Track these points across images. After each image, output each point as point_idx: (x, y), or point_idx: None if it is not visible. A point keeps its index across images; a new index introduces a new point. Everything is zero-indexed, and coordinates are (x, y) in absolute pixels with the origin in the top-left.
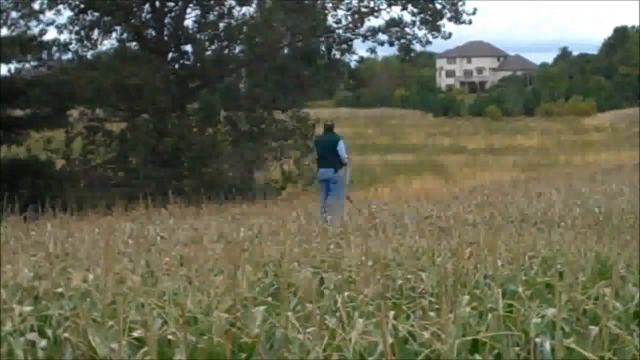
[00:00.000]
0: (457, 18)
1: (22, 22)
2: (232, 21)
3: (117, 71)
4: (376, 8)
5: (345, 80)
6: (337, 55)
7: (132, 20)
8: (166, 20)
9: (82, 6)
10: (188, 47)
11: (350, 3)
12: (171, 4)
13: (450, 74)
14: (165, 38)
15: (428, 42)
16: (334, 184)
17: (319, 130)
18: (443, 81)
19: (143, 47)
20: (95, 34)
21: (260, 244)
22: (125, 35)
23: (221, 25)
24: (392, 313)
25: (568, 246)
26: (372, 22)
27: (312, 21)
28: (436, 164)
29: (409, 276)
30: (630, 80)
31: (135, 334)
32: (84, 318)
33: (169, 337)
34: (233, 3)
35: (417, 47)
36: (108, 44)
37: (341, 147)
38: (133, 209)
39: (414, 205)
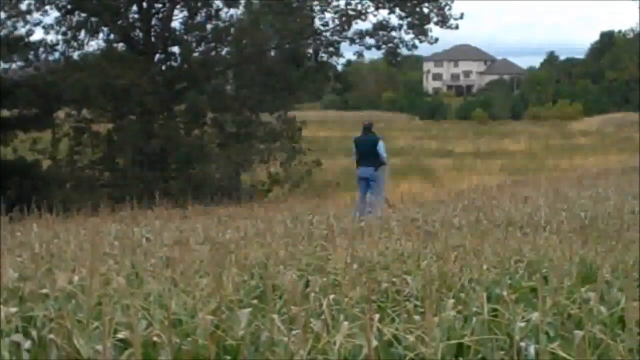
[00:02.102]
0: (444, 22)
1: (9, 22)
2: (220, 23)
3: (104, 72)
4: (363, 11)
5: (333, 83)
6: (325, 58)
7: (120, 22)
8: (153, 22)
9: (69, 7)
10: (175, 49)
11: (338, 6)
12: (159, 5)
13: (437, 77)
14: (153, 39)
15: (414, 47)
16: (373, 182)
17: (306, 132)
18: (430, 84)
19: (130, 48)
20: (82, 34)
21: (246, 246)
22: (112, 36)
23: (209, 26)
24: (377, 316)
25: (553, 250)
26: (360, 25)
27: (299, 24)
28: (423, 168)
29: (394, 279)
30: (617, 84)
31: (120, 336)
32: (68, 319)
33: (154, 338)
34: (220, 5)
35: (404, 50)
36: (95, 44)
37: (381, 147)
38: (119, 210)
39: (400, 208)
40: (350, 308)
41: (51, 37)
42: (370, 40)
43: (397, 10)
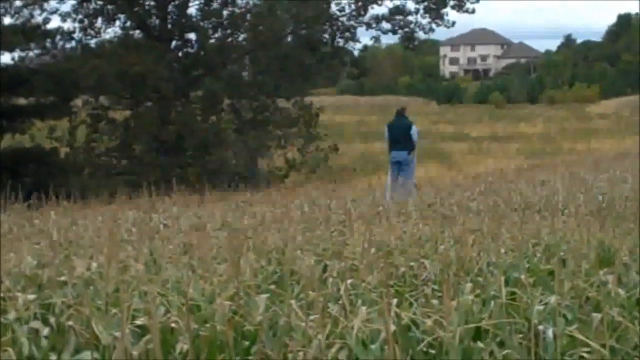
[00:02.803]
0: (460, 6)
1: (25, 10)
2: (236, 9)
3: (120, 59)
4: None
5: (349, 68)
6: (341, 44)
7: (136, 9)
8: (170, 8)
9: None
10: (192, 35)
11: None
12: None
13: (454, 61)
14: (169, 26)
15: (431, 30)
16: (407, 165)
17: (322, 118)
18: (447, 69)
19: (147, 35)
20: (99, 22)
21: (264, 231)
22: (128, 23)
23: (225, 13)
24: (395, 301)
25: (571, 233)
26: (376, 10)
27: (315, 9)
28: (440, 152)
29: (412, 264)
30: (634, 67)
31: (138, 322)
32: (87, 306)
33: (172, 325)
34: None
35: (421, 35)
36: (112, 32)
37: (414, 132)
38: (136, 197)
39: (417, 192)
40: (368, 293)
41: (68, 25)
42: (386, 25)
43: None
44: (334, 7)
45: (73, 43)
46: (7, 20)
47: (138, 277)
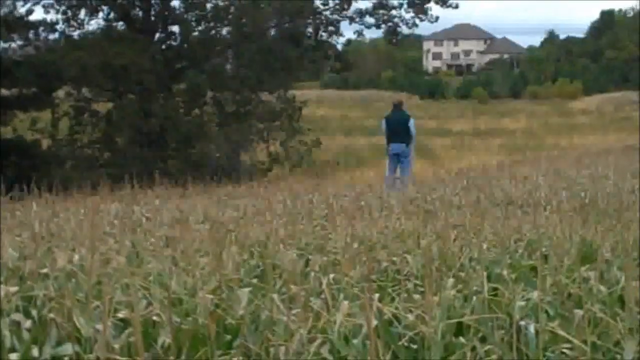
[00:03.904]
0: (444, 1)
1: (8, 1)
2: (219, 2)
3: (103, 51)
4: None
5: (332, 62)
6: (324, 37)
7: (119, 0)
8: (153, 1)
9: None
10: (175, 28)
11: None
12: None
13: (437, 56)
14: (152, 18)
15: (415, 25)
16: (405, 157)
17: (305, 111)
18: (430, 64)
19: (130, 27)
20: (82, 13)
21: (246, 225)
22: (112, 15)
23: (208, 5)
24: (377, 295)
25: (553, 229)
26: (360, 4)
27: (299, 2)
28: (422, 147)
29: (394, 258)
30: (617, 64)
31: (120, 315)
32: (69, 299)
33: (154, 318)
34: None
35: (404, 29)
36: (95, 24)
37: (412, 124)
38: (119, 189)
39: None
40: (350, 287)
41: (51, 16)
42: (370, 19)
43: None
44: (317, 1)
45: (56, 35)
46: None
47: (120, 270)
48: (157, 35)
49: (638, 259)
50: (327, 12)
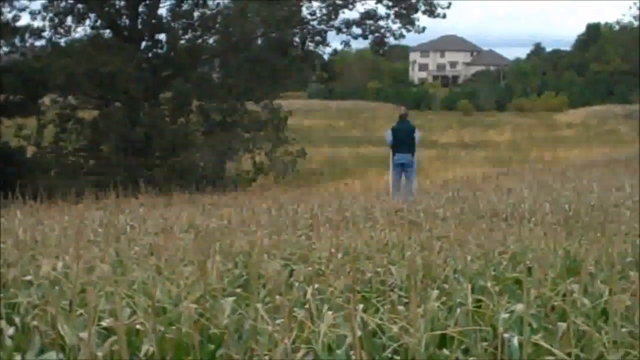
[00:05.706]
0: (431, 12)
1: None
2: (207, 11)
3: (90, 59)
4: (351, 0)
5: (319, 72)
6: (311, 47)
7: (106, 8)
8: (140, 9)
9: None
10: (162, 36)
11: None
12: None
13: (423, 67)
14: (139, 26)
15: (402, 36)
16: (410, 167)
17: (291, 121)
18: (416, 75)
19: (117, 35)
20: (69, 20)
21: (231, 234)
22: (99, 22)
23: (195, 14)
24: (361, 306)
25: (537, 242)
26: (347, 14)
27: (286, 12)
28: None
29: (378, 269)
30: (602, 77)
31: (104, 323)
32: (52, 306)
33: (138, 326)
34: None
35: (391, 40)
36: (82, 31)
37: (417, 135)
38: (104, 197)
39: (384, 198)
40: (335, 298)
41: (38, 23)
42: (357, 30)
43: None
44: (305, 11)
45: (43, 41)
46: None
47: (104, 278)
48: (144, 43)
49: (622, 272)
50: (315, 22)
